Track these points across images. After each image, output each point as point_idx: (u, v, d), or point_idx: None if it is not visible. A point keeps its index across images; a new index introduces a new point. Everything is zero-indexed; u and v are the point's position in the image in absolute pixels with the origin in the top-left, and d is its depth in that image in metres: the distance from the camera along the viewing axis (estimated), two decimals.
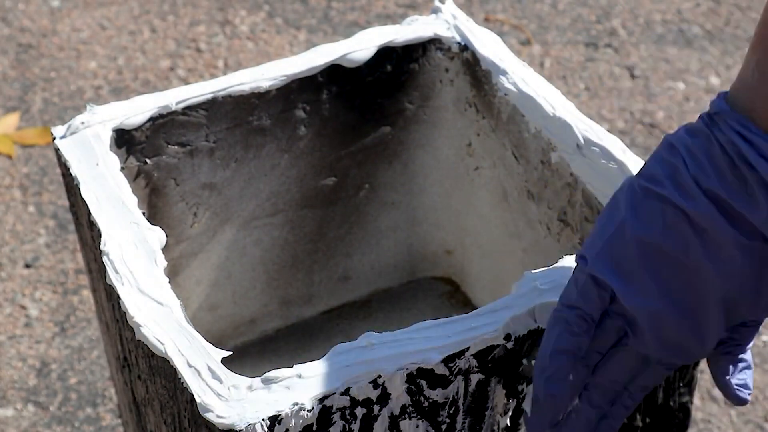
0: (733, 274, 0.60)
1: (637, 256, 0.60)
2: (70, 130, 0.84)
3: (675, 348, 0.62)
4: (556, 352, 0.63)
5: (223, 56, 1.75)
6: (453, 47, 0.94)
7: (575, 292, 0.63)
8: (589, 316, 0.62)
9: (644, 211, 0.60)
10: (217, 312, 0.99)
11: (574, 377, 0.63)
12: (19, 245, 1.44)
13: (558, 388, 0.63)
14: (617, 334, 0.63)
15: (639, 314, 0.61)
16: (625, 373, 0.64)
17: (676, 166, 0.60)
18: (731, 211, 0.59)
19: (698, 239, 0.59)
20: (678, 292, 0.61)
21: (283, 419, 0.64)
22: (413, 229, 1.04)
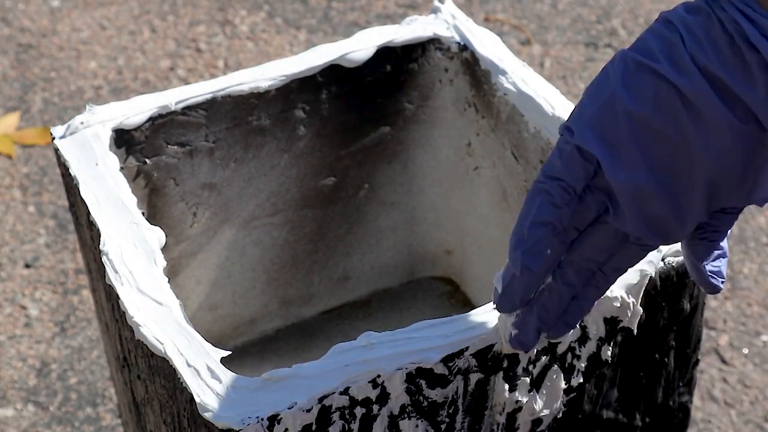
0: (721, 154, 0.58)
1: (625, 130, 0.59)
2: (70, 130, 0.84)
3: (654, 226, 0.61)
4: (536, 223, 0.61)
5: (223, 56, 1.75)
6: (452, 47, 0.94)
7: (559, 163, 0.61)
8: (571, 188, 0.61)
9: (636, 85, 0.59)
10: (217, 312, 0.99)
11: (551, 252, 0.62)
12: (19, 245, 1.44)
13: (536, 261, 0.61)
14: (597, 210, 0.62)
15: (623, 188, 0.60)
16: (602, 251, 0.63)
17: (673, 42, 0.58)
18: (727, 91, 0.57)
19: (690, 117, 0.58)
20: (664, 169, 0.59)
21: (282, 419, 0.64)
22: (413, 229, 1.04)
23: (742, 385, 1.26)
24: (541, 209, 0.61)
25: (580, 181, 0.60)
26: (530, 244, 0.61)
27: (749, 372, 1.27)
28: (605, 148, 0.59)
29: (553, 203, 0.61)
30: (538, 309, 0.64)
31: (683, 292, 0.76)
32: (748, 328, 1.32)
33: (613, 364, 0.76)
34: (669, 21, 0.59)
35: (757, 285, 1.37)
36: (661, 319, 0.76)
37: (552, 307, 0.64)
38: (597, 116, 0.59)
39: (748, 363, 1.28)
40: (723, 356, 1.29)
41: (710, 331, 1.31)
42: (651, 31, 0.59)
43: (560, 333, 0.65)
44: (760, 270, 1.39)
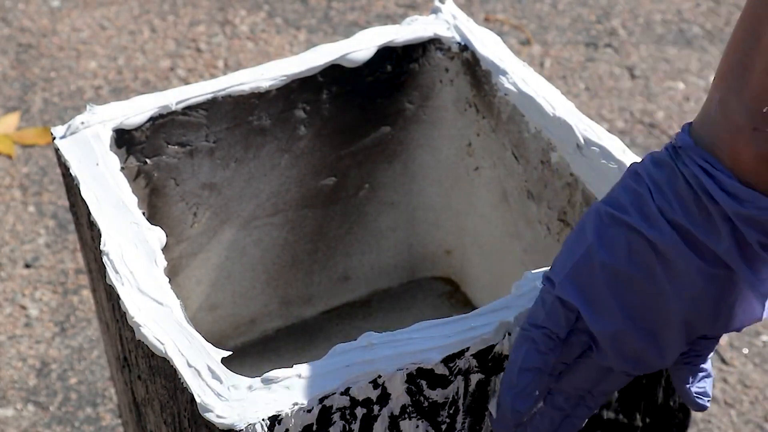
0: (694, 298, 0.62)
1: (602, 281, 0.63)
2: (70, 130, 0.84)
3: (636, 362, 0.65)
4: (524, 369, 0.65)
5: (223, 56, 1.75)
6: (453, 47, 0.94)
7: (542, 313, 0.65)
8: (555, 335, 0.64)
9: (610, 238, 0.62)
10: (217, 312, 0.99)
11: (540, 390, 0.66)
12: (19, 245, 1.44)
13: (525, 403, 0.65)
14: (581, 348, 0.65)
15: (602, 335, 0.63)
16: (589, 380, 0.66)
17: (642, 195, 0.62)
18: (695, 240, 0.61)
19: (662, 266, 0.62)
20: (641, 314, 0.63)
21: (283, 419, 0.64)
22: (413, 229, 1.04)
23: (742, 385, 1.26)
24: (527, 357, 0.65)
25: (562, 328, 0.64)
26: (519, 388, 0.65)
27: (749, 372, 1.27)
28: (584, 300, 0.63)
29: (538, 350, 0.65)
30: (531, 430, 0.68)
31: None
32: (748, 328, 1.32)
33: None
34: (638, 174, 0.63)
35: None
36: None
37: (544, 428, 0.68)
38: (575, 269, 0.63)
39: (748, 363, 1.28)
40: (723, 356, 1.29)
41: None
42: (622, 184, 0.63)
43: None
44: None
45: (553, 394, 0.67)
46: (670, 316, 0.63)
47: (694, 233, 0.60)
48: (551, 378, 0.66)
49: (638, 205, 0.62)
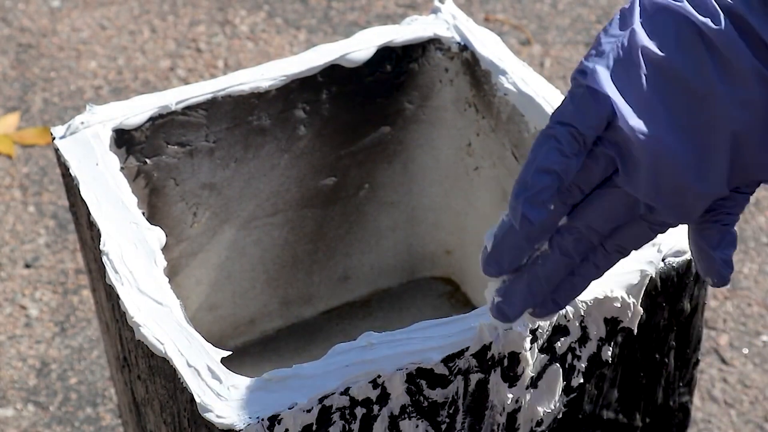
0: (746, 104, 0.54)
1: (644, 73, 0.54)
2: (70, 130, 0.84)
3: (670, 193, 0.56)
4: (542, 170, 0.55)
5: (223, 56, 1.75)
6: (453, 47, 0.94)
7: (571, 108, 0.56)
8: (581, 137, 0.55)
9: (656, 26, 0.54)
10: (217, 312, 0.99)
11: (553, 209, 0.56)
12: (19, 245, 1.44)
13: (537, 212, 0.55)
14: (606, 167, 0.56)
15: (637, 140, 0.55)
16: (606, 220, 0.58)
17: None
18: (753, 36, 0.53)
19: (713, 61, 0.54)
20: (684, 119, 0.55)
21: (282, 419, 0.64)
22: (413, 229, 1.04)
23: (742, 385, 1.26)
24: (547, 156, 0.55)
25: (591, 128, 0.55)
26: (533, 192, 0.55)
27: (749, 372, 1.27)
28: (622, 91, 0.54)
29: (560, 150, 0.55)
30: (529, 277, 0.59)
31: (683, 292, 0.76)
32: (748, 328, 1.32)
33: (614, 364, 0.76)
34: None
35: (757, 285, 1.37)
36: (661, 319, 0.76)
37: (544, 276, 0.58)
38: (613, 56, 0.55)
39: (748, 363, 1.28)
40: (723, 356, 1.29)
41: (710, 331, 1.31)
42: None
43: (547, 312, 0.60)
44: (760, 270, 1.39)
45: (562, 234, 0.58)
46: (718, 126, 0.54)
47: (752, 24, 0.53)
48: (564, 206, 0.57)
49: None
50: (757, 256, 1.41)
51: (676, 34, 0.54)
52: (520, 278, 0.59)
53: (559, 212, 0.57)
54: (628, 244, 0.59)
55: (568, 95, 0.56)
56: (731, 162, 0.55)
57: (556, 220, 0.57)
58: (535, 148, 0.56)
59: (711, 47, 0.54)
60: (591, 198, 0.57)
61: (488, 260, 0.59)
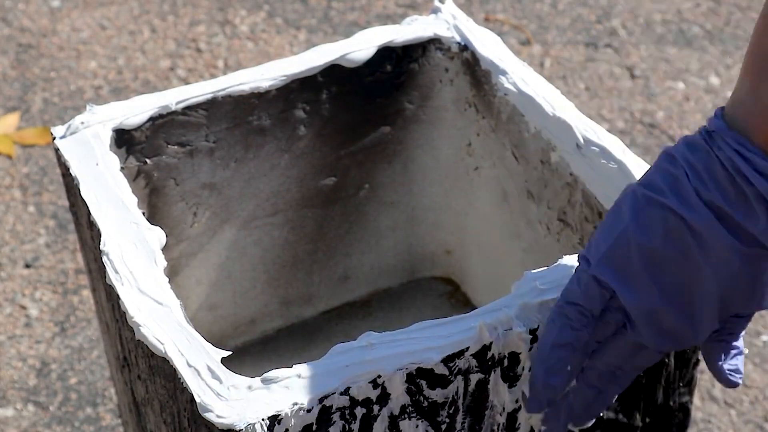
0: (730, 276, 0.63)
1: (638, 261, 0.64)
2: (70, 130, 0.84)
3: (670, 339, 0.65)
4: (557, 345, 0.66)
5: (223, 56, 1.75)
6: (453, 47, 0.94)
7: (578, 291, 0.66)
8: (589, 312, 0.66)
9: (646, 218, 0.63)
10: (217, 312, 0.99)
11: (572, 366, 0.67)
12: (19, 245, 1.44)
13: (557, 379, 0.66)
14: (615, 326, 0.66)
15: (637, 313, 0.64)
16: (621, 357, 0.67)
17: (677, 177, 0.63)
18: (731, 221, 0.62)
19: (697, 246, 0.63)
20: (676, 292, 0.64)
21: (282, 419, 0.64)
22: (413, 229, 1.04)
23: (742, 385, 1.26)
24: (561, 332, 0.66)
25: (597, 306, 0.65)
26: (551, 363, 0.66)
27: (749, 372, 1.27)
28: (619, 279, 0.64)
29: (571, 326, 0.66)
30: (565, 408, 0.70)
31: None
32: (748, 328, 1.32)
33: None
34: (673, 156, 0.64)
35: None
36: None
37: (578, 406, 0.69)
38: (611, 250, 0.64)
39: (748, 363, 1.28)
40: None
41: None
42: (657, 166, 0.64)
43: (585, 423, 0.71)
44: None
45: (586, 372, 0.68)
46: (706, 295, 0.64)
47: (730, 214, 0.62)
48: (584, 355, 0.67)
49: (674, 186, 0.63)
50: None
51: (663, 225, 0.63)
52: (557, 410, 0.70)
53: (580, 362, 0.67)
54: (643, 364, 0.69)
55: (574, 277, 0.66)
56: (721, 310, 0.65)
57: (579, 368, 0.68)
58: (549, 323, 0.67)
59: (694, 234, 0.62)
60: (606, 343, 0.67)
61: (529, 405, 0.69)
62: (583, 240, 0.85)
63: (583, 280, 0.66)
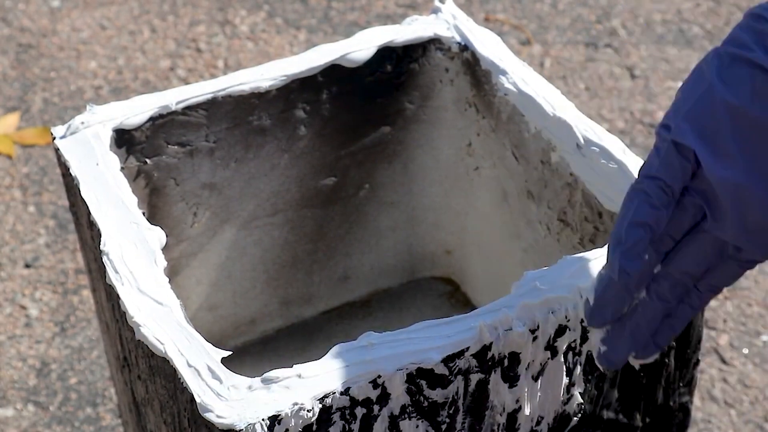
0: None
1: (724, 123, 0.58)
2: (70, 130, 0.84)
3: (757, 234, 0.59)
4: (634, 224, 0.59)
5: (223, 56, 1.75)
6: (453, 47, 0.94)
7: (657, 162, 0.60)
8: (669, 188, 0.59)
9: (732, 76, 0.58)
10: (217, 312, 0.99)
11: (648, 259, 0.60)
12: (19, 245, 1.44)
13: (634, 264, 0.60)
14: (694, 215, 0.61)
15: (723, 188, 0.58)
16: (698, 264, 0.62)
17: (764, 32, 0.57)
18: None
19: None
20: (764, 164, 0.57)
21: (282, 419, 0.64)
22: (413, 229, 1.04)
23: (742, 385, 1.26)
24: (638, 210, 0.60)
25: (678, 179, 0.59)
26: (628, 245, 0.60)
27: (749, 372, 1.27)
28: (704, 143, 0.58)
29: (650, 204, 0.59)
30: (630, 325, 0.63)
31: None
32: (748, 328, 1.32)
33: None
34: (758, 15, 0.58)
35: (757, 285, 1.37)
36: None
37: (645, 323, 0.63)
38: (694, 110, 0.58)
39: (748, 363, 1.28)
40: (723, 356, 1.29)
41: (710, 331, 1.31)
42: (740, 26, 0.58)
43: (650, 353, 0.64)
44: (760, 270, 1.39)
45: (658, 281, 0.62)
46: None
47: None
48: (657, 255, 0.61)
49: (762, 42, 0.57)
50: None
51: (751, 82, 0.57)
52: (622, 327, 0.63)
53: (654, 261, 0.61)
54: (720, 282, 0.62)
55: (653, 150, 0.60)
56: None
57: (652, 269, 0.61)
58: (626, 202, 0.60)
59: None
60: (682, 244, 0.61)
61: (593, 314, 0.63)
62: (583, 240, 0.85)
63: (662, 149, 0.59)
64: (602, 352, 0.64)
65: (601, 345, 0.64)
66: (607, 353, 0.64)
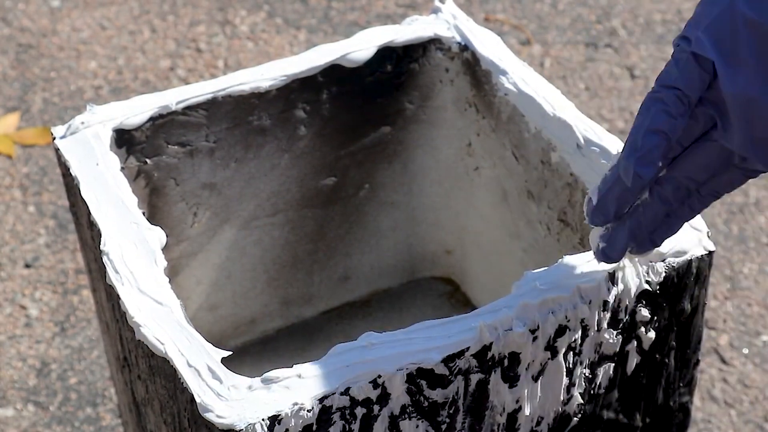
0: None
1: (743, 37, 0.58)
2: (70, 130, 0.84)
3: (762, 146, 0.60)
4: (651, 131, 0.61)
5: (223, 56, 1.75)
6: (453, 47, 0.94)
7: (675, 72, 0.61)
8: (686, 98, 0.61)
9: None
10: (217, 312, 0.99)
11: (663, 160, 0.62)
12: (19, 245, 1.44)
13: (648, 170, 0.62)
14: (705, 124, 0.62)
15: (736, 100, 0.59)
16: (703, 170, 0.64)
17: None
18: None
19: None
20: None
21: (282, 419, 0.64)
22: (413, 229, 1.04)
23: (742, 385, 1.26)
24: (656, 118, 0.61)
25: (695, 89, 0.60)
26: (644, 151, 0.61)
27: (749, 372, 1.27)
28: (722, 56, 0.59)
29: (667, 112, 0.61)
30: (631, 223, 0.65)
31: (684, 292, 0.76)
32: (748, 328, 1.32)
33: (614, 364, 0.76)
34: None
35: (757, 285, 1.37)
36: (661, 319, 0.76)
37: (645, 222, 0.65)
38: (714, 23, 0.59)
39: (748, 363, 1.28)
40: (723, 356, 1.29)
41: (710, 331, 1.31)
42: None
43: (646, 249, 0.67)
44: (760, 270, 1.39)
45: (662, 184, 0.64)
46: None
47: None
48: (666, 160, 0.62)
49: None
50: (757, 256, 1.41)
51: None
52: (622, 225, 0.66)
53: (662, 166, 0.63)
54: (722, 189, 0.64)
55: (671, 60, 0.61)
56: None
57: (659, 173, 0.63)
58: (643, 111, 0.62)
59: None
60: (689, 151, 0.63)
61: (595, 212, 0.65)
62: (583, 240, 0.85)
63: (681, 60, 0.60)
64: (601, 248, 0.67)
65: (600, 241, 0.67)
66: (606, 249, 0.67)
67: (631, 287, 0.73)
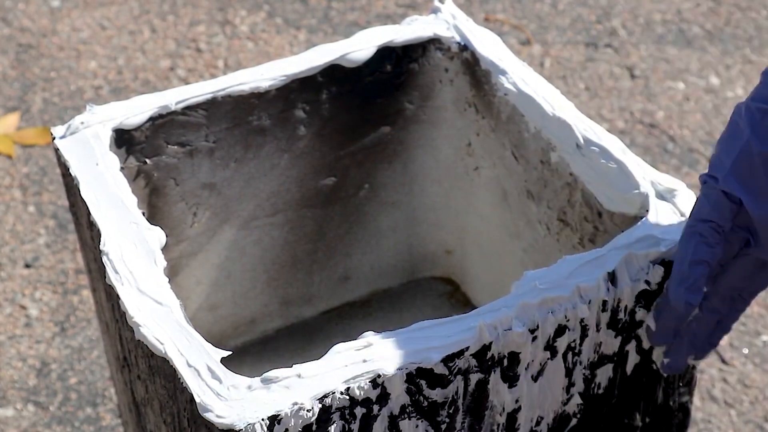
0: None
1: (762, 170, 0.67)
2: (70, 130, 0.84)
3: None
4: (696, 262, 0.69)
5: (223, 56, 1.75)
6: (453, 47, 0.94)
7: (708, 207, 0.69)
8: (720, 228, 0.69)
9: (764, 129, 0.67)
10: (217, 312, 0.99)
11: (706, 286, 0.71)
12: (19, 245, 1.44)
13: (697, 297, 0.69)
14: (740, 245, 0.70)
15: (763, 221, 0.68)
16: (744, 279, 0.72)
17: None
18: None
19: None
20: None
21: (282, 419, 0.64)
22: (413, 229, 1.04)
23: (742, 385, 1.26)
24: (697, 249, 0.69)
25: (727, 220, 0.69)
26: (692, 281, 0.69)
27: (749, 372, 1.27)
28: (747, 190, 0.68)
29: (706, 243, 0.69)
30: (689, 337, 0.74)
31: None
32: (748, 328, 1.32)
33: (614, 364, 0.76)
34: None
35: None
36: None
37: (701, 333, 0.73)
38: (735, 163, 0.68)
39: (748, 363, 1.28)
40: (723, 356, 1.29)
41: None
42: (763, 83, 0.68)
43: (706, 353, 0.75)
44: None
45: (709, 298, 0.72)
46: None
47: None
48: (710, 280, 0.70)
49: None
50: None
51: None
52: (681, 341, 0.74)
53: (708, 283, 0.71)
54: (760, 288, 0.73)
55: (702, 197, 0.70)
56: None
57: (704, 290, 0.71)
58: (683, 243, 0.70)
59: None
60: (729, 265, 0.71)
61: (657, 338, 0.75)
62: (582, 240, 0.85)
63: (712, 196, 0.68)
64: (666, 363, 0.76)
65: (664, 357, 0.75)
66: (671, 363, 0.75)
67: (630, 287, 0.73)
